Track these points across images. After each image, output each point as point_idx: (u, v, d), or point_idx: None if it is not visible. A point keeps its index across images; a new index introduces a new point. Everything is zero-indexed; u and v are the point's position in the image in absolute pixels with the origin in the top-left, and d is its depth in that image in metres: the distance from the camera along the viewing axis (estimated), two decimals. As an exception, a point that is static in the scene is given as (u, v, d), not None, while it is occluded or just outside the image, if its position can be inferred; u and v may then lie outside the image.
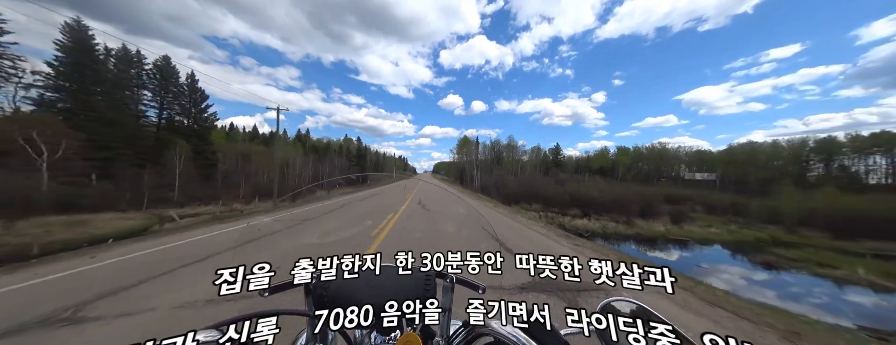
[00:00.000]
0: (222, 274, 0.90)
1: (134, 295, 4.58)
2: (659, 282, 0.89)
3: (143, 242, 8.72)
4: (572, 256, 1.03)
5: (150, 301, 4.30)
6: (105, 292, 4.61)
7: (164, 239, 9.12)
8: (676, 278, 0.88)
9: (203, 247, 7.93)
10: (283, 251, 7.13)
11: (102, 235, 10.54)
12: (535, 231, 11.98)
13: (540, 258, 1.04)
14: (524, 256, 1.04)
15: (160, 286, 4.96)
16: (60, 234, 10.78)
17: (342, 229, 10.03)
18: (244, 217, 15.21)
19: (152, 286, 4.97)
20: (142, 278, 5.29)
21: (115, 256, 7.08)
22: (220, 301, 4.07)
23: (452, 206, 17.07)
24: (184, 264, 6.18)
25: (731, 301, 5.06)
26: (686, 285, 5.63)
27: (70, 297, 4.43)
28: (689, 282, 6.24)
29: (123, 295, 4.55)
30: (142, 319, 3.80)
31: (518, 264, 1.05)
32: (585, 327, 0.84)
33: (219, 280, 0.89)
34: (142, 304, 4.22)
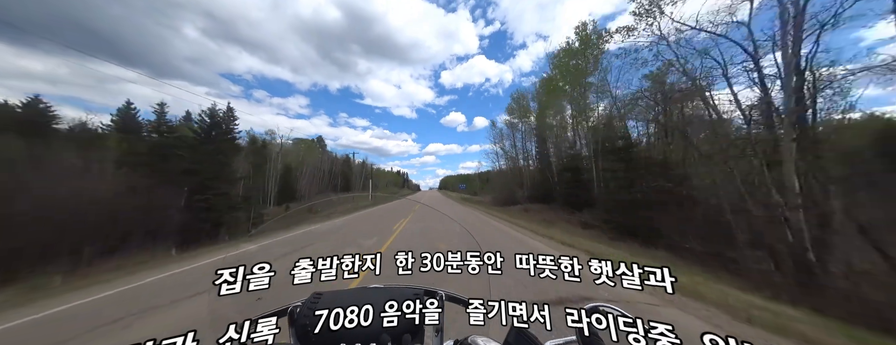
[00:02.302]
0: (222, 274, 0.90)
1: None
2: (659, 282, 0.89)
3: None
4: (572, 257, 1.02)
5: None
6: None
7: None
8: (676, 278, 0.88)
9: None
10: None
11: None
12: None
13: (540, 258, 1.03)
14: (524, 256, 1.04)
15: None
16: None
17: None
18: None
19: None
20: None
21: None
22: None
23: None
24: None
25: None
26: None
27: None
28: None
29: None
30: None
31: (518, 264, 1.05)
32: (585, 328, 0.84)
33: (219, 280, 0.89)
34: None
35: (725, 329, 3.40)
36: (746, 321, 3.71)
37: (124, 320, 3.90)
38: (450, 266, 1.06)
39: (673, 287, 0.87)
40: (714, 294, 4.55)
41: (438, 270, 1.06)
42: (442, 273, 1.07)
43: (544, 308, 0.90)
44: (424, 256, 1.07)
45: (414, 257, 1.08)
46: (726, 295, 4.65)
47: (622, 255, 8.85)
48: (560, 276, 1.01)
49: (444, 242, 8.28)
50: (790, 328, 3.49)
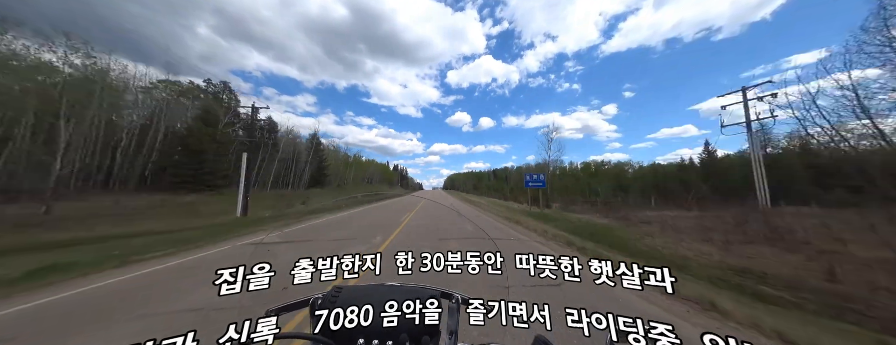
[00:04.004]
0: (222, 274, 0.90)
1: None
2: (659, 282, 0.89)
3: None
4: (572, 257, 1.03)
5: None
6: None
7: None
8: (676, 278, 0.88)
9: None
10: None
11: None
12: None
13: (540, 258, 1.04)
14: (524, 256, 1.04)
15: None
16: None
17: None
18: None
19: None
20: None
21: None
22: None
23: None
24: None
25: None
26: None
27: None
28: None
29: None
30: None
31: (518, 264, 1.05)
32: (585, 327, 0.84)
33: (219, 280, 0.89)
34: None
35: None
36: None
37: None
38: (450, 266, 1.07)
39: (672, 287, 0.87)
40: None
41: (438, 270, 1.06)
42: (442, 273, 1.07)
43: (544, 308, 0.90)
44: (424, 256, 1.07)
45: (414, 257, 1.08)
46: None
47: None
48: (560, 276, 1.01)
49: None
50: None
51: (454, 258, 1.07)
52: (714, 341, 0.71)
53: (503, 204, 29.30)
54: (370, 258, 1.04)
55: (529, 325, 0.88)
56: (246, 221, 13.11)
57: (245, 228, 10.67)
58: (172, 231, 10.27)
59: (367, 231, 9.54)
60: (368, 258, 1.05)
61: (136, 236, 9.15)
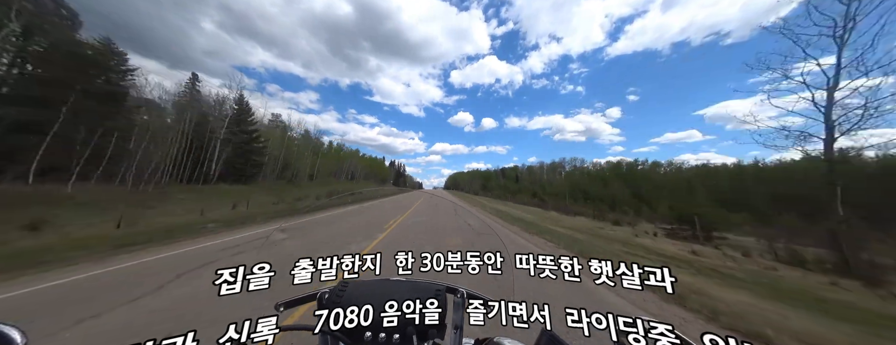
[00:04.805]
0: (222, 274, 0.90)
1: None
2: (659, 282, 0.89)
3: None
4: (572, 257, 1.03)
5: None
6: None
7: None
8: (676, 278, 0.88)
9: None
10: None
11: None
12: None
13: (540, 258, 1.04)
14: (524, 256, 1.04)
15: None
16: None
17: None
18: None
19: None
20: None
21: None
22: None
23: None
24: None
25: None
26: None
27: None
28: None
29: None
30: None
31: (518, 264, 1.05)
32: (585, 327, 0.84)
33: (219, 280, 0.89)
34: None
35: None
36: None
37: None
38: (450, 266, 1.07)
39: (673, 287, 0.87)
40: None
41: (438, 269, 1.06)
42: (442, 273, 1.07)
43: (544, 308, 0.90)
44: (424, 255, 1.07)
45: (414, 257, 1.09)
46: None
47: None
48: (560, 276, 1.01)
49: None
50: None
51: (454, 258, 1.08)
52: (714, 341, 0.70)
53: (571, 222, 19.23)
54: (370, 258, 1.05)
55: (529, 325, 0.88)
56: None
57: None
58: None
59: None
60: (368, 258, 1.05)
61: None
